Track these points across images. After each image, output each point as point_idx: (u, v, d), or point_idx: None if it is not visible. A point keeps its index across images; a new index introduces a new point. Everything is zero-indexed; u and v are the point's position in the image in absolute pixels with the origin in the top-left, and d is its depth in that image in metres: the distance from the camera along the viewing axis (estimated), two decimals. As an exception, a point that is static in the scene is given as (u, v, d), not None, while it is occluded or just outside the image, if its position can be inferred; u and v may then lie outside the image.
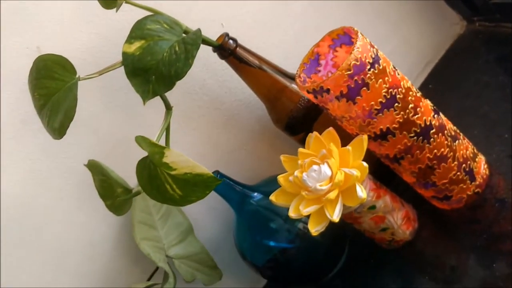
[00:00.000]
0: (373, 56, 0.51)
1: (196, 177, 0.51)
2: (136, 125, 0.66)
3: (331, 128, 0.57)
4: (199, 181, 0.51)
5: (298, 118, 0.65)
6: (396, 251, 0.66)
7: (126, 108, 0.65)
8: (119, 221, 0.69)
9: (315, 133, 0.58)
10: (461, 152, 0.58)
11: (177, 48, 0.54)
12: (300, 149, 0.58)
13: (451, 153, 0.57)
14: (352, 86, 0.50)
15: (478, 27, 0.81)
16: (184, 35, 0.56)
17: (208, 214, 0.74)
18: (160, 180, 0.52)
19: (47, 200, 0.65)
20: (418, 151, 0.56)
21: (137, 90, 0.54)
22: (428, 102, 0.57)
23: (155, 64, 0.54)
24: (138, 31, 0.54)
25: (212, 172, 0.64)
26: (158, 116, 0.58)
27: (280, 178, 0.58)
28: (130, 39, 0.54)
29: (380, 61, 0.52)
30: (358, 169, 0.55)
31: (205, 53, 0.62)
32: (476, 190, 0.61)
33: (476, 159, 0.61)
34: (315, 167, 0.55)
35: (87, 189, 0.65)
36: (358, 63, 0.50)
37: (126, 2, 0.55)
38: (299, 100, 0.64)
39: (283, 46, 0.72)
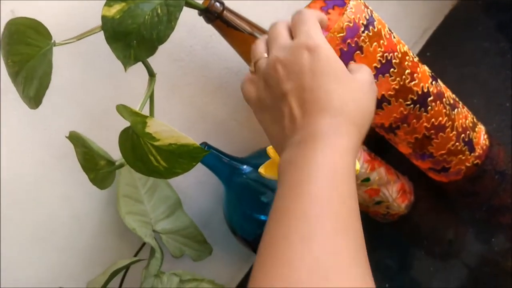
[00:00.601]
0: (367, 17, 0.48)
1: (181, 148, 0.48)
2: (120, 93, 0.62)
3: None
4: (185, 152, 0.49)
5: (289, 86, 0.62)
6: (391, 224, 0.64)
7: (109, 75, 0.61)
8: (105, 195, 0.66)
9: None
10: (460, 121, 0.56)
11: (159, 11, 0.50)
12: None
13: (450, 122, 0.55)
14: (345, 49, 0.47)
15: (477, -7, 0.78)
16: (168, -3, 0.53)
17: (197, 188, 0.71)
18: (143, 151, 0.50)
19: (29, 174, 0.63)
20: (414, 120, 0.53)
21: (117, 56, 0.51)
22: (425, 68, 0.54)
23: (136, 28, 0.50)
24: (118, -7, 0.51)
25: (200, 144, 0.61)
26: (142, 83, 0.55)
27: (270, 150, 0.55)
28: (110, 1, 0.51)
29: (375, 23, 0.49)
30: None
31: (191, 18, 0.59)
32: (475, 162, 0.58)
33: (476, 129, 0.58)
34: None
35: (70, 162, 0.63)
36: (351, 24, 0.47)
37: (104, -39, 0.51)
38: (290, 68, 0.61)
39: (276, 10, 0.68)
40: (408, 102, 0.52)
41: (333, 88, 0.37)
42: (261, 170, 0.55)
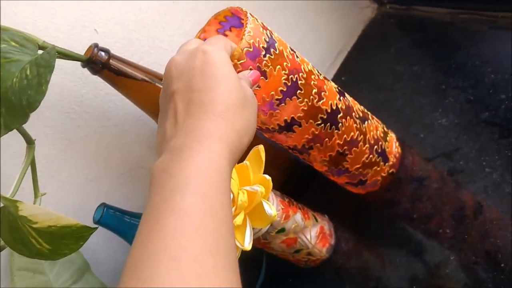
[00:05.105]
0: (267, 39, 0.45)
1: (63, 229, 0.43)
2: (4, 159, 0.55)
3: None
4: (68, 233, 0.43)
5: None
6: (315, 268, 0.60)
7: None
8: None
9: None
10: (372, 133, 0.55)
11: (28, 72, 0.44)
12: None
13: (361, 136, 0.54)
14: None
15: (389, 10, 0.75)
16: (40, 51, 0.47)
17: (105, 245, 0.65)
18: (23, 233, 0.44)
19: None
20: (327, 139, 0.52)
21: (-14, 126, 0.45)
22: (331, 83, 0.52)
23: (4, 93, 0.44)
24: (-22, 54, 0.44)
25: (98, 206, 0.56)
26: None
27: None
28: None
29: (276, 45, 0.45)
30: (261, 183, 0.49)
31: (78, 63, 0.53)
32: (390, 171, 0.58)
33: (387, 138, 0.58)
34: None
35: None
36: (251, 49, 0.43)
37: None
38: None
39: (173, 48, 0.63)
40: (319, 122, 0.50)
41: (220, 92, 0.36)
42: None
